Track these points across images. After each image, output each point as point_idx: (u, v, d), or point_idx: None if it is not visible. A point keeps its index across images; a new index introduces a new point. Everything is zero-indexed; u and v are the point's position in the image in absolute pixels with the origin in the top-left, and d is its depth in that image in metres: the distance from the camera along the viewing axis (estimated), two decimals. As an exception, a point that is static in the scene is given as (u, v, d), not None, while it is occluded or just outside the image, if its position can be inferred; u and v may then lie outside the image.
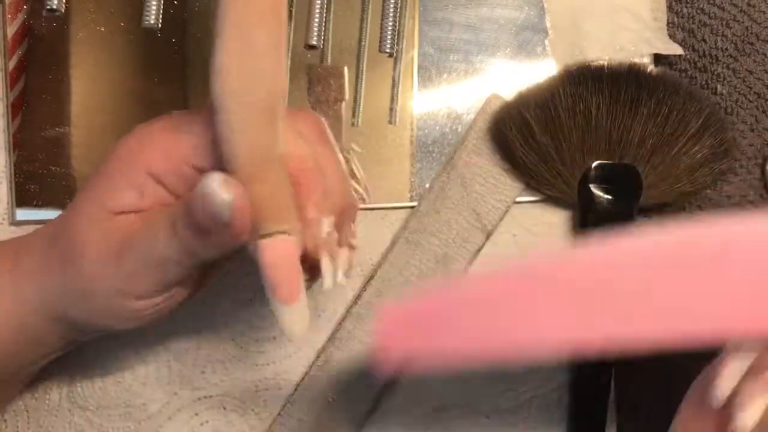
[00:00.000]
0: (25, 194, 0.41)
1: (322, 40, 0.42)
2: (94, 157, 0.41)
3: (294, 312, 0.30)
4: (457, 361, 0.27)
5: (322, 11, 0.41)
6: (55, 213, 0.41)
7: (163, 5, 0.41)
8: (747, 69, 0.41)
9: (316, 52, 0.42)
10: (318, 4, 0.41)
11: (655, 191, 0.40)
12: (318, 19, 0.41)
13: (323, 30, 0.42)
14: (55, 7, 0.41)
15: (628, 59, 0.41)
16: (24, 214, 0.41)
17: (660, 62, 0.42)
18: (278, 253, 0.29)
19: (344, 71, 0.42)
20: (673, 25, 0.42)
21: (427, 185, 0.42)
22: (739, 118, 0.41)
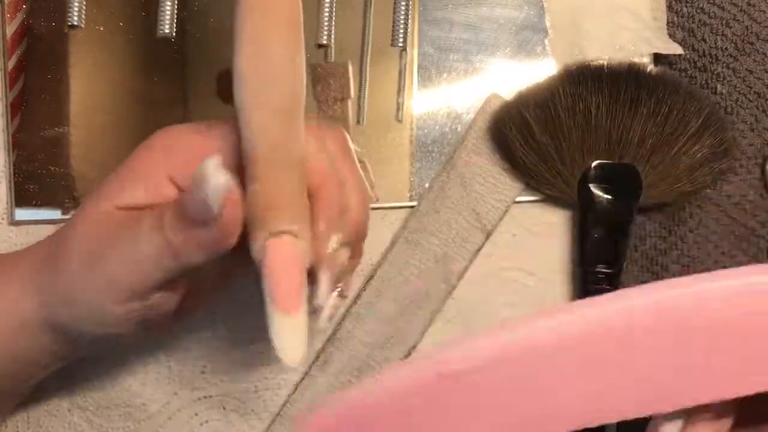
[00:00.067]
0: (24, 194, 0.41)
1: (331, 38, 0.42)
2: (93, 157, 0.41)
3: (291, 327, 0.28)
4: None
5: (331, 10, 0.41)
6: (54, 213, 0.41)
7: (176, 14, 0.41)
8: (747, 68, 0.41)
9: (319, 50, 0.42)
10: (327, 3, 0.41)
11: (655, 191, 0.40)
12: (327, 18, 0.41)
13: (331, 28, 0.42)
14: (76, 23, 0.41)
15: (628, 59, 0.41)
16: (23, 213, 0.41)
17: (660, 62, 0.42)
18: (284, 255, 0.28)
19: (348, 68, 0.42)
20: (673, 24, 0.42)
21: (427, 185, 0.42)
22: (739, 118, 0.41)
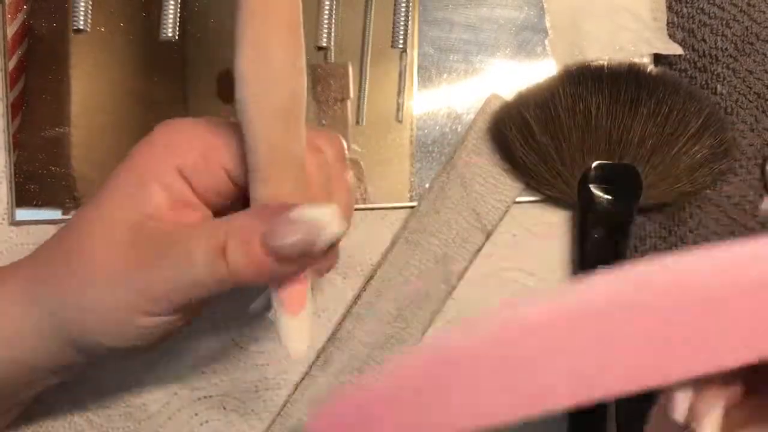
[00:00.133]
0: (24, 194, 0.41)
1: (331, 39, 0.42)
2: (94, 157, 0.41)
3: (297, 326, 0.29)
4: None
5: (331, 12, 0.41)
6: (54, 213, 0.41)
7: (179, 17, 0.41)
8: (747, 69, 0.41)
9: (319, 51, 0.42)
10: (327, 5, 0.41)
11: (655, 191, 0.40)
12: (327, 20, 0.41)
13: (331, 30, 0.42)
14: (81, 27, 0.41)
15: (628, 59, 0.41)
16: (24, 214, 0.41)
17: (660, 62, 0.42)
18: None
19: (348, 69, 0.42)
20: (673, 24, 0.42)
21: (427, 185, 0.42)
22: (739, 118, 0.41)
